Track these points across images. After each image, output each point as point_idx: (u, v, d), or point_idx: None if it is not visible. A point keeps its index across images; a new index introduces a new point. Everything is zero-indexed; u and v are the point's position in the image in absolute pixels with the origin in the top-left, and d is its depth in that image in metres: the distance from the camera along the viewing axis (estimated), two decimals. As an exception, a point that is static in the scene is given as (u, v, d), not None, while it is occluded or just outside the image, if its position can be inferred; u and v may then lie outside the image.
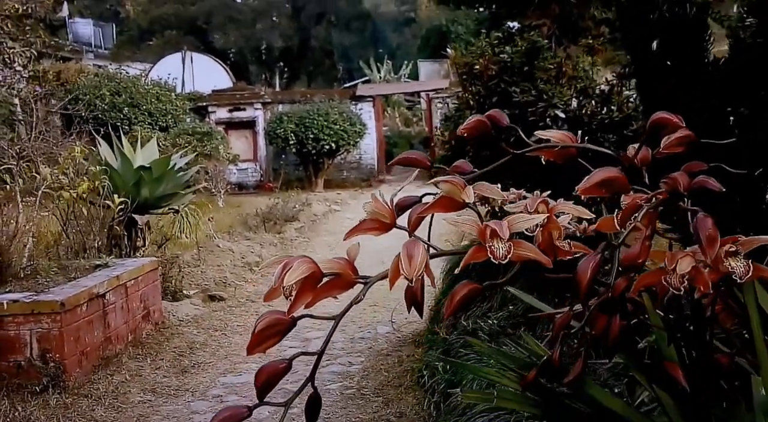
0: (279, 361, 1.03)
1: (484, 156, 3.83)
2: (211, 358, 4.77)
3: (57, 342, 3.85)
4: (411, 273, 0.98)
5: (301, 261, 0.98)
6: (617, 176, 0.89)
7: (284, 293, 0.99)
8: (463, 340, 3.44)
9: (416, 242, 0.97)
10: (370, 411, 3.66)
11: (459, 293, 1.03)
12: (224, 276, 7.03)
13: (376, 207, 1.07)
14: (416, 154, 1.20)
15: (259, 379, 1.02)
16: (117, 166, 6.61)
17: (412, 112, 29.58)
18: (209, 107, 18.73)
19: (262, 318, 1.01)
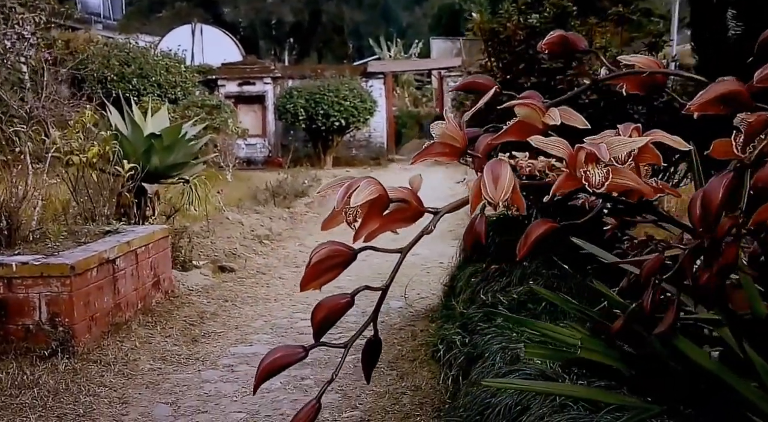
0: (340, 296, 0.90)
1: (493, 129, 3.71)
2: (221, 328, 4.70)
3: (66, 306, 3.78)
4: (497, 197, 0.83)
5: (368, 182, 0.86)
6: (740, 90, 0.76)
7: (347, 218, 0.87)
8: (482, 314, 3.34)
9: (502, 161, 0.84)
10: (385, 384, 3.58)
11: (535, 231, 0.91)
12: (234, 248, 6.94)
13: (447, 128, 0.94)
14: (484, 79, 1.07)
15: (317, 315, 0.89)
16: (127, 133, 6.51)
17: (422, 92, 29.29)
18: (219, 80, 18.54)
19: (319, 249, 0.87)
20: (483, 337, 2.77)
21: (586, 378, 1.77)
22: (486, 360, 2.44)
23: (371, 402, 3.33)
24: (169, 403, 3.46)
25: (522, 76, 3.51)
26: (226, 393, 3.59)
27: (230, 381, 3.76)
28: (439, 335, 3.88)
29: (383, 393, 3.44)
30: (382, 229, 0.89)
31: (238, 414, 3.32)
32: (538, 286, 3.44)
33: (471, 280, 3.82)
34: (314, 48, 34.61)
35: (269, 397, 3.52)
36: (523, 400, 1.84)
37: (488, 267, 3.82)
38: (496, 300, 3.37)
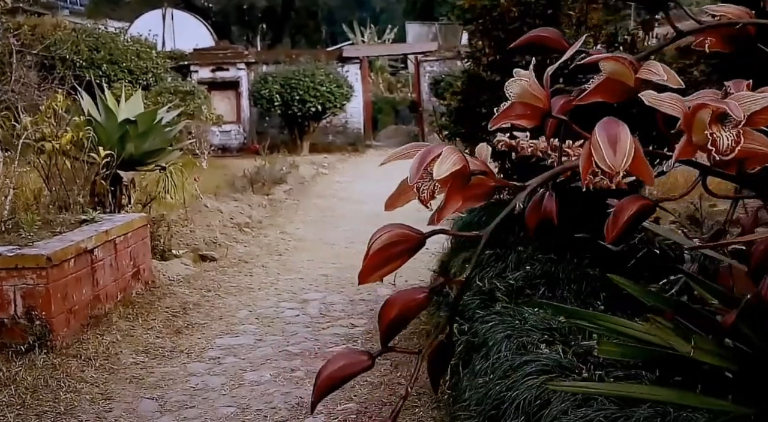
0: (416, 290, 0.75)
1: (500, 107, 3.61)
2: (205, 319, 4.56)
3: (43, 299, 3.61)
4: (616, 163, 0.68)
5: (451, 150, 0.72)
6: None
7: (421, 195, 0.75)
8: (479, 301, 3.26)
9: (617, 120, 0.72)
10: (379, 375, 3.48)
11: (627, 210, 0.76)
12: (214, 237, 6.77)
13: (530, 86, 0.82)
14: (549, 32, 0.95)
15: (387, 314, 0.75)
16: (101, 119, 6.27)
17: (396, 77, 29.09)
18: (191, 66, 18.15)
19: (381, 233, 0.73)
20: (483, 325, 2.68)
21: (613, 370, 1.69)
22: (491, 349, 2.34)
23: (366, 394, 3.24)
24: (155, 398, 3.33)
25: (516, 55, 3.41)
26: (213, 387, 3.47)
27: (217, 374, 3.63)
28: (433, 322, 3.79)
29: (378, 384, 3.35)
30: (465, 206, 0.77)
31: (228, 408, 3.21)
32: (535, 271, 3.38)
33: (465, 266, 3.73)
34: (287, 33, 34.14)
35: (259, 390, 3.40)
36: (543, 394, 1.75)
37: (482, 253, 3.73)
38: (493, 286, 3.29)
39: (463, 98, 3.99)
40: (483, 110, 3.72)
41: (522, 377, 1.88)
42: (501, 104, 3.08)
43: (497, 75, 3.63)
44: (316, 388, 0.71)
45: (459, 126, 4.11)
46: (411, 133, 22.34)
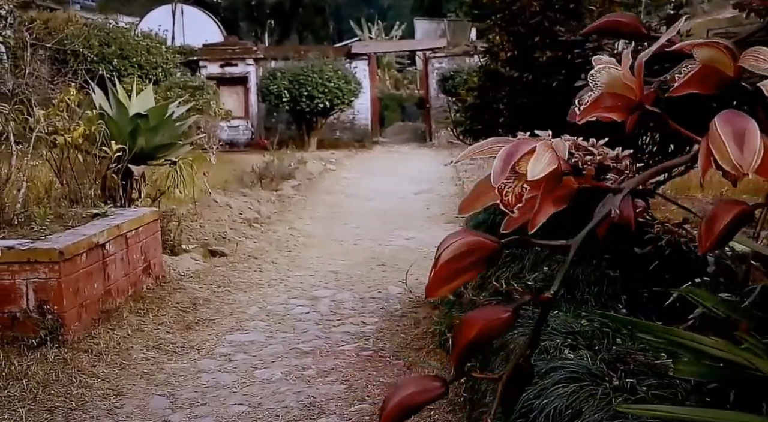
0: (499, 308, 0.66)
1: (521, 103, 3.56)
2: (215, 315, 4.54)
3: (55, 293, 3.59)
4: (745, 164, 0.59)
5: (545, 146, 0.65)
6: None
7: (503, 199, 0.69)
8: (496, 302, 3.22)
9: (743, 114, 0.64)
10: (392, 375, 3.46)
11: (723, 217, 0.65)
12: (224, 232, 6.76)
13: (623, 74, 0.71)
14: (626, 17, 0.89)
15: (466, 333, 0.65)
16: (112, 113, 6.26)
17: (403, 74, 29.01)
18: (200, 61, 18.16)
19: (451, 240, 0.67)
20: (501, 326, 2.64)
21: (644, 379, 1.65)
22: (512, 352, 2.30)
23: (380, 395, 3.21)
24: (166, 395, 3.31)
25: (537, 50, 3.36)
26: (224, 384, 3.45)
27: (228, 372, 3.61)
28: (447, 323, 3.76)
29: (391, 385, 3.32)
30: (547, 213, 0.71)
31: (239, 406, 3.18)
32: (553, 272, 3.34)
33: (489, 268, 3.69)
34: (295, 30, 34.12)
35: (271, 388, 3.38)
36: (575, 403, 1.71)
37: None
38: (510, 287, 3.25)
39: (479, 94, 3.96)
40: (501, 106, 3.67)
41: (551, 384, 1.83)
42: (518, 100, 3.06)
43: (516, 70, 3.59)
44: (385, 417, 0.63)
45: (475, 122, 4.07)
46: (418, 130, 22.29)
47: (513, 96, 3.60)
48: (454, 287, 0.68)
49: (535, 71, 3.48)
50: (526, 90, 3.59)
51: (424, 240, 7.00)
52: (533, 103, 3.61)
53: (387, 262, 6.06)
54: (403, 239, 7.15)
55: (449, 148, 17.83)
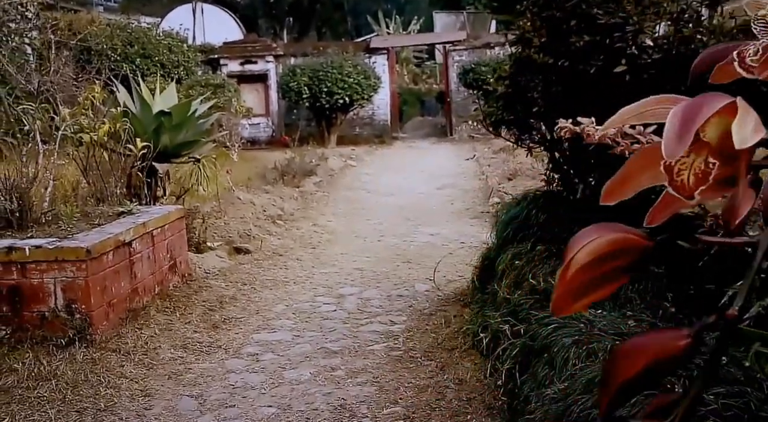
0: (673, 331, 0.49)
1: (555, 92, 3.45)
2: (242, 313, 4.50)
3: (83, 292, 3.57)
4: None
5: (745, 105, 0.47)
6: None
7: (674, 180, 0.49)
8: (534, 301, 3.11)
9: None
10: (424, 377, 3.37)
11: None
12: (248, 229, 6.72)
13: None
14: None
15: (627, 366, 0.49)
16: (136, 111, 6.25)
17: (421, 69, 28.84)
18: (221, 59, 18.23)
19: (587, 239, 0.52)
20: (543, 328, 2.54)
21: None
22: (556, 355, 2.20)
23: (412, 397, 3.13)
24: (194, 396, 3.26)
25: (573, 35, 3.24)
26: (253, 385, 3.39)
27: (256, 372, 3.56)
28: (480, 322, 3.66)
29: (424, 387, 3.23)
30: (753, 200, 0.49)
31: (268, 408, 3.12)
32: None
33: (515, 263, 3.59)
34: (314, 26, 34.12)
35: (300, 389, 3.32)
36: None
37: (534, 249, 3.58)
38: (548, 285, 3.14)
39: (510, 83, 3.84)
40: (535, 95, 3.55)
41: None
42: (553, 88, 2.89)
43: (550, 57, 3.46)
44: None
45: (507, 112, 3.95)
46: (438, 125, 22.14)
47: (547, 84, 3.48)
48: (590, 302, 0.54)
49: (571, 57, 3.35)
50: (562, 77, 3.46)
51: (449, 237, 6.90)
52: (569, 91, 3.49)
53: (412, 259, 5.98)
54: (427, 235, 7.06)
55: (470, 142, 17.67)
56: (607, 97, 3.33)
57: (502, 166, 11.69)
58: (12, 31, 9.00)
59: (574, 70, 3.38)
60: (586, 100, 3.44)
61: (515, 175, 10.50)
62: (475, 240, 6.82)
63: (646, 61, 2.93)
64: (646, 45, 2.96)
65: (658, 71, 2.89)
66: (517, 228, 3.88)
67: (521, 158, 12.41)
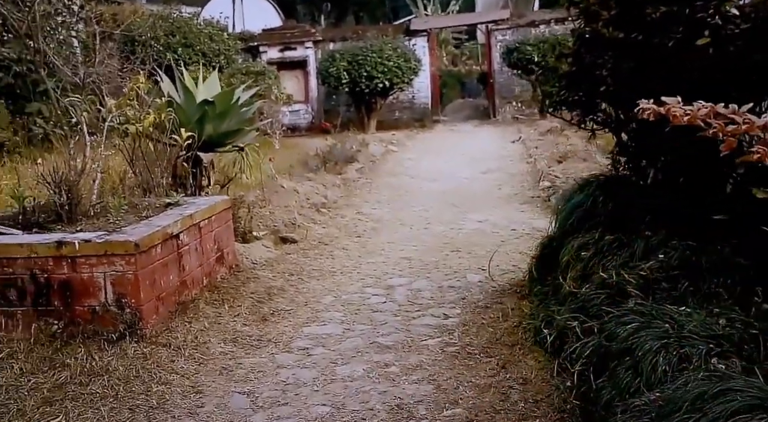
0: None
1: (627, 68, 3.21)
2: (290, 305, 4.41)
3: (132, 286, 3.52)
4: None
5: None
6: None
7: None
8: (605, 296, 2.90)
9: None
10: (484, 375, 3.20)
11: None
12: (293, 218, 6.65)
13: None
14: None
15: None
16: (180, 100, 6.20)
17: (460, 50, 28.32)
18: (260, 47, 18.26)
19: None
20: (621, 328, 2.34)
21: None
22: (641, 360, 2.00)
23: (473, 398, 2.97)
24: (245, 393, 3.18)
25: (648, 6, 3.00)
26: (305, 381, 3.29)
27: (308, 367, 3.46)
28: (542, 317, 3.47)
29: (486, 387, 3.06)
30: None
31: (322, 407, 3.01)
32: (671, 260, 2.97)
33: (581, 254, 3.38)
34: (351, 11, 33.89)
35: (353, 387, 3.20)
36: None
37: (602, 239, 3.37)
38: (621, 278, 2.92)
39: (574, 61, 3.60)
40: (604, 72, 3.32)
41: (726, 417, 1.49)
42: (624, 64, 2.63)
43: (620, 32, 3.22)
44: None
45: (571, 92, 3.72)
46: (479, 107, 21.72)
47: (618, 60, 3.25)
48: None
49: (645, 31, 3.11)
50: (634, 53, 3.22)
51: (499, 223, 6.69)
52: (642, 67, 3.24)
53: (461, 247, 5.80)
54: (475, 222, 6.86)
55: (514, 123, 17.28)
56: (688, 72, 3.06)
57: (550, 148, 11.35)
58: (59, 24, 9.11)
59: (648, 44, 3.14)
60: (662, 77, 3.19)
61: (565, 157, 10.16)
62: (526, 227, 6.60)
63: (732, 31, 2.68)
64: (731, 14, 2.70)
65: (746, 42, 2.64)
66: (583, 216, 3.66)
67: (570, 140, 12.08)
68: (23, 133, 8.96)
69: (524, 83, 17.72)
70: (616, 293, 2.96)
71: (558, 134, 13.12)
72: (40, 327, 3.44)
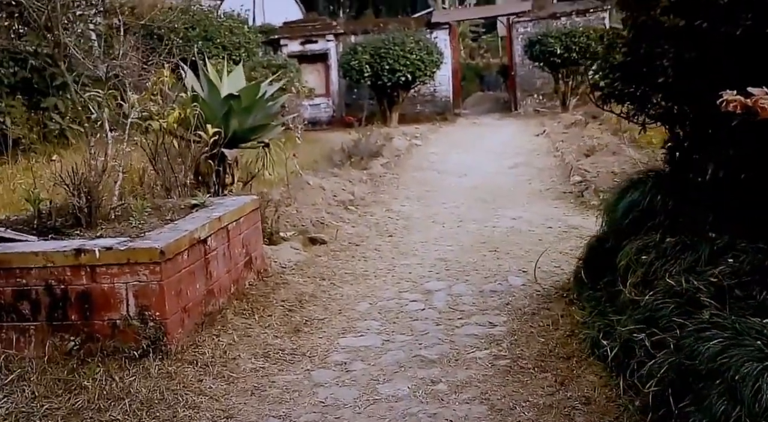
0: None
1: (689, 58, 2.88)
2: (324, 314, 4.12)
3: (156, 297, 3.25)
4: None
5: None
6: None
7: None
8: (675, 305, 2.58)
9: None
10: (542, 393, 2.89)
11: None
12: (320, 217, 6.37)
13: None
14: None
15: None
16: (204, 95, 5.93)
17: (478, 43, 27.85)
18: (281, 40, 18.05)
19: None
20: (703, 344, 2.03)
21: None
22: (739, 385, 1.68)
23: (533, 418, 2.66)
24: (281, 417, 2.90)
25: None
26: (345, 402, 3.00)
27: (347, 385, 3.17)
28: (598, 326, 3.15)
29: (545, 407, 2.75)
30: None
31: (368, 432, 2.72)
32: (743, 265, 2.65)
33: (641, 257, 3.05)
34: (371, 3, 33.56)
35: (399, 409, 2.91)
36: None
37: (663, 241, 3.04)
38: (690, 286, 2.60)
39: (629, 51, 3.26)
40: (665, 63, 2.98)
41: None
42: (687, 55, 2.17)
43: (682, 19, 2.89)
44: None
45: (626, 84, 3.39)
46: (500, 100, 21.29)
47: (679, 50, 2.90)
48: None
49: (711, 18, 2.77)
50: (698, 42, 2.88)
51: (534, 221, 6.35)
52: (707, 58, 2.90)
53: (499, 247, 5.47)
54: (509, 219, 6.52)
55: (536, 116, 16.85)
56: (758, 63, 2.74)
57: (576, 142, 10.95)
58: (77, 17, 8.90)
59: (714, 32, 2.79)
60: (729, 68, 2.84)
61: (593, 150, 9.78)
62: (562, 224, 6.25)
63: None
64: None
65: None
66: (639, 216, 3.33)
67: (596, 133, 11.66)
68: (38, 129, 8.75)
69: (546, 76, 17.33)
70: (686, 302, 2.64)
71: (582, 127, 12.73)
72: (55, 344, 3.17)
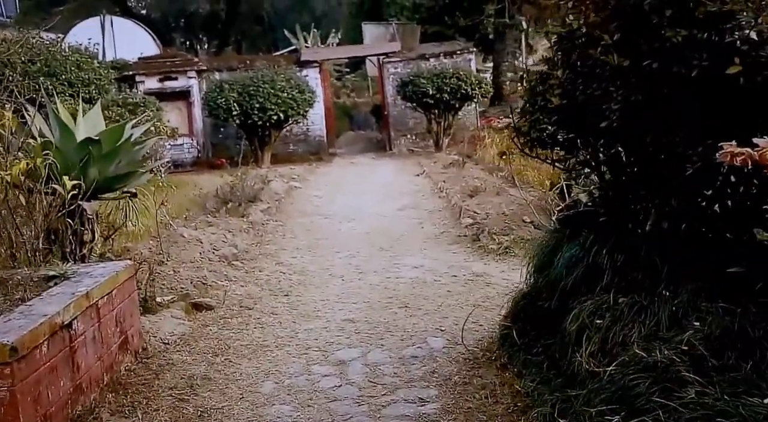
0: None
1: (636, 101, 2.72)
2: (222, 400, 3.45)
3: (8, 409, 2.45)
4: None
5: None
6: None
7: None
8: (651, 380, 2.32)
9: None
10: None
11: None
12: (203, 276, 5.62)
13: None
14: None
15: None
16: (55, 140, 5.04)
17: (342, 82, 28.13)
18: (137, 76, 16.85)
19: None
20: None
21: None
22: None
23: None
24: None
25: (666, 29, 2.52)
26: None
27: None
28: (551, 401, 2.82)
29: None
30: None
31: None
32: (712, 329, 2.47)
33: (595, 322, 2.79)
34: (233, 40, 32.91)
35: None
36: None
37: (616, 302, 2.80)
38: (663, 356, 2.36)
39: (563, 93, 3.06)
40: (613, 106, 2.79)
41: None
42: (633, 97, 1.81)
43: (626, 58, 2.73)
44: None
45: (562, 128, 3.18)
46: (372, 139, 21.40)
47: (626, 92, 2.74)
48: None
49: (661, 58, 2.63)
50: (645, 84, 2.73)
51: (437, 269, 6.06)
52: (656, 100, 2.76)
53: (409, 303, 5.08)
54: (411, 268, 6.19)
55: (411, 156, 17.01)
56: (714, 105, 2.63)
57: (458, 182, 11.03)
58: None
59: (665, 73, 2.66)
60: (682, 111, 2.72)
61: (476, 191, 9.85)
62: (466, 272, 6.03)
63: (767, 58, 2.29)
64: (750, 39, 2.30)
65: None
66: (586, 273, 3.09)
67: (475, 173, 11.88)
68: None
69: (418, 116, 17.69)
70: (662, 377, 2.39)
71: (460, 167, 12.97)
72: None
